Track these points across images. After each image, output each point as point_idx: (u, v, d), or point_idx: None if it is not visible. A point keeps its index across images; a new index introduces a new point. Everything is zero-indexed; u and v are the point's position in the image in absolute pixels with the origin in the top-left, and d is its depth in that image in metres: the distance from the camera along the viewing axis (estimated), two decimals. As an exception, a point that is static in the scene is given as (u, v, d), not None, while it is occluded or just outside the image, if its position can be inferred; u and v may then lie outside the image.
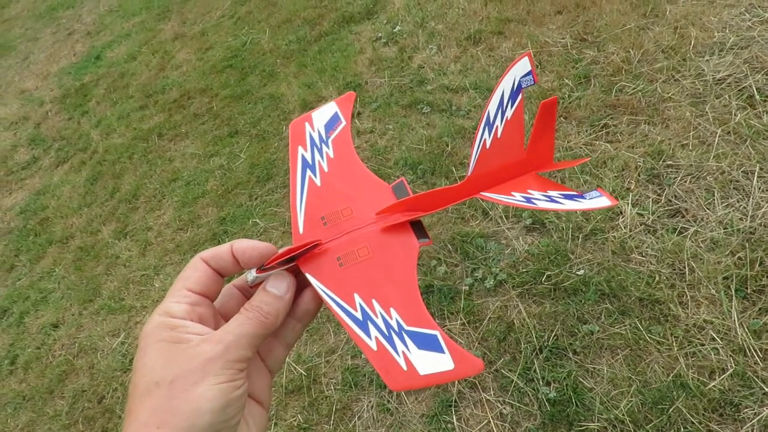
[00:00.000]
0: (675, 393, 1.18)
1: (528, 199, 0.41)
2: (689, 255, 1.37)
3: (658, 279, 1.36)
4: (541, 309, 1.41)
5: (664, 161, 1.59)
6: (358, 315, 0.36)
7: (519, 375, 1.32)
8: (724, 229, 1.39)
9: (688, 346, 1.24)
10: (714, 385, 1.16)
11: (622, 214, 1.52)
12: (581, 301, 1.39)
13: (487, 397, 1.32)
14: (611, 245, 1.46)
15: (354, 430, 1.38)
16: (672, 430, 1.14)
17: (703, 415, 1.14)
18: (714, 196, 1.47)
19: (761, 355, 1.17)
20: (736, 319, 1.23)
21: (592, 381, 1.26)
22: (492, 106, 0.44)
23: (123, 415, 1.71)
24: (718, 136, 1.58)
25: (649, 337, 1.27)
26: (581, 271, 1.44)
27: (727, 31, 1.86)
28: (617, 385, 1.23)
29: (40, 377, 1.95)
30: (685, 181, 1.53)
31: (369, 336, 0.35)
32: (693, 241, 1.40)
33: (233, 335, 0.33)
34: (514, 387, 1.31)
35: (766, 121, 1.55)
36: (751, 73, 1.69)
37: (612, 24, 2.08)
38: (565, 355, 1.32)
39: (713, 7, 1.97)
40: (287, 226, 2.00)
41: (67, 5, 5.32)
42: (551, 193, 0.43)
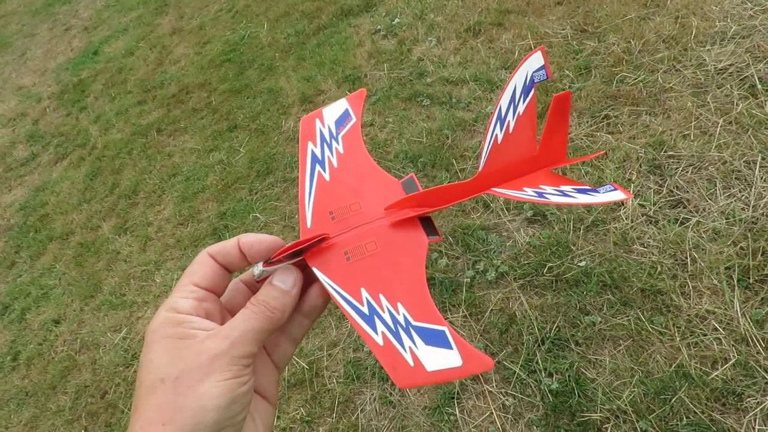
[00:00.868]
0: (677, 383, 1.18)
1: (540, 194, 0.41)
2: (691, 245, 1.37)
3: (660, 270, 1.35)
4: (542, 301, 1.41)
5: (665, 152, 1.58)
6: (365, 309, 0.36)
7: (521, 366, 1.32)
8: (726, 219, 1.39)
9: (691, 336, 1.24)
10: (716, 375, 1.16)
11: (623, 205, 1.51)
12: (583, 292, 1.39)
13: (490, 389, 1.33)
14: (613, 236, 1.46)
15: (357, 423, 1.38)
16: (675, 420, 1.14)
17: (705, 404, 1.14)
18: (716, 186, 1.46)
19: (764, 345, 1.17)
20: (739, 309, 1.23)
21: (595, 372, 1.26)
22: (504, 101, 0.43)
23: (126, 410, 1.72)
24: (719, 126, 1.57)
25: (652, 327, 1.27)
26: (583, 263, 1.43)
27: (728, 20, 1.85)
28: (620, 376, 1.24)
29: (42, 373, 1.96)
30: (687, 172, 1.52)
31: (375, 331, 0.35)
32: (695, 232, 1.39)
33: (239, 331, 0.33)
34: (517, 378, 1.31)
35: (768, 110, 1.55)
36: (752, 62, 1.68)
37: (612, 14, 2.07)
38: (567, 346, 1.32)
39: (715, -3, 1.96)
40: (288, 220, 1.99)
41: (63, 0, 5.29)
42: (564, 188, 0.43)
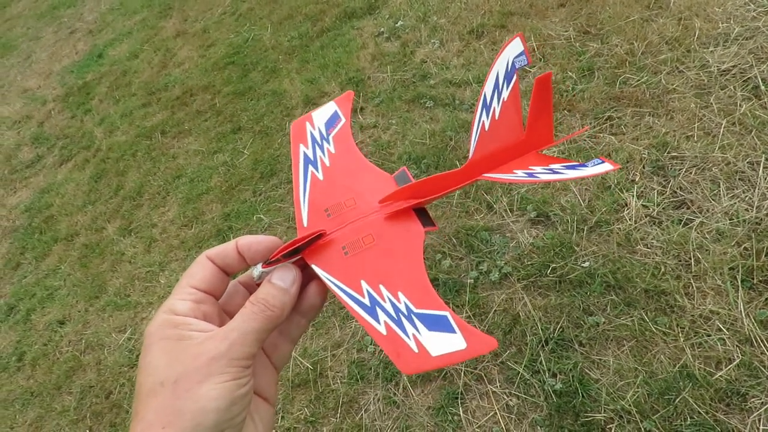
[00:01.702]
0: (681, 383, 1.18)
1: (530, 174, 0.41)
2: (695, 246, 1.37)
3: (663, 270, 1.35)
4: (546, 301, 1.42)
5: (668, 153, 1.59)
6: (366, 301, 0.36)
7: (525, 367, 1.33)
8: (730, 219, 1.39)
9: (695, 336, 1.24)
10: (720, 375, 1.16)
11: (627, 206, 1.52)
12: (587, 293, 1.39)
13: (494, 389, 1.33)
14: (616, 237, 1.46)
15: (361, 423, 1.39)
16: (679, 421, 1.14)
17: (709, 405, 1.14)
18: (719, 187, 1.46)
19: (768, 345, 1.17)
20: (743, 310, 1.23)
21: (598, 372, 1.27)
22: (488, 89, 0.44)
23: (131, 410, 1.72)
24: (723, 127, 1.57)
25: (655, 328, 1.27)
26: (586, 263, 1.44)
27: (731, 21, 1.85)
28: (623, 376, 1.24)
29: (47, 373, 1.97)
30: (690, 173, 1.52)
31: (378, 321, 0.35)
32: (698, 232, 1.39)
33: (238, 332, 0.33)
34: (520, 379, 1.32)
35: (771, 111, 1.55)
36: (756, 63, 1.68)
37: (615, 16, 2.07)
38: (571, 346, 1.32)
39: (717, -2, 1.96)
40: (291, 221, 2.00)
41: (68, 4, 5.33)
42: (553, 166, 0.43)
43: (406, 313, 0.35)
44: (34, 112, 3.75)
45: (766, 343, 1.18)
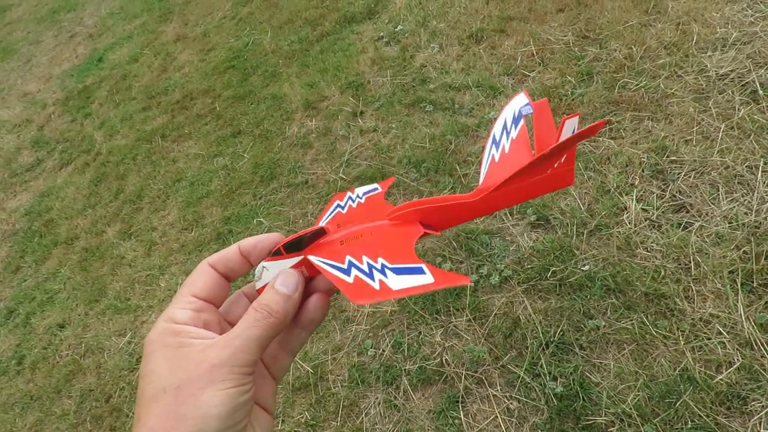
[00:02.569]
0: (682, 387, 1.18)
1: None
2: (694, 249, 1.37)
3: (663, 274, 1.36)
4: (546, 305, 1.42)
5: (667, 157, 1.59)
6: (344, 266, 0.36)
7: (525, 370, 1.33)
8: (729, 223, 1.39)
9: (695, 340, 1.24)
10: (721, 379, 1.16)
11: (626, 209, 1.52)
12: (587, 296, 1.39)
13: (494, 393, 1.33)
14: (616, 241, 1.46)
15: (361, 427, 1.39)
16: (679, 424, 1.14)
17: (710, 408, 1.14)
18: (718, 190, 1.47)
19: (768, 349, 1.18)
20: (743, 313, 1.24)
21: (599, 375, 1.27)
22: (497, 130, 0.47)
23: (131, 413, 1.72)
24: (721, 131, 1.58)
25: (656, 331, 1.28)
26: (586, 267, 1.44)
27: (729, 26, 1.87)
28: (624, 380, 1.24)
29: (47, 377, 1.96)
30: (690, 177, 1.53)
31: (349, 275, 0.35)
32: (698, 236, 1.40)
33: (240, 339, 0.33)
34: (521, 382, 1.32)
35: (769, 115, 1.56)
36: (754, 68, 1.70)
37: (614, 21, 2.09)
38: (572, 350, 1.33)
39: (715, 3, 1.97)
40: (292, 225, 2.00)
41: (68, 8, 5.34)
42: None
43: (379, 268, 0.35)
44: (34, 115, 3.76)
45: (766, 346, 1.18)
